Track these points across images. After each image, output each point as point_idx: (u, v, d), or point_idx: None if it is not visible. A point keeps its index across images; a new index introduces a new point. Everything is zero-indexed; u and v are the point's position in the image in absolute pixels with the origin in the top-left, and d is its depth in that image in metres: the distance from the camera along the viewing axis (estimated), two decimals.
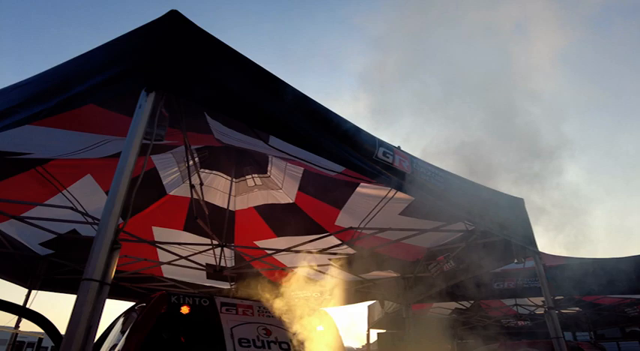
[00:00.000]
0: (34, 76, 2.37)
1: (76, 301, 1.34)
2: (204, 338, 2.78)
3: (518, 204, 3.64)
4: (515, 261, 3.61)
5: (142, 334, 2.82)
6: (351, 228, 4.43)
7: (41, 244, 5.31)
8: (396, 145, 2.81)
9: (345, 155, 2.42)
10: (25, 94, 2.24)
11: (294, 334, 3.12)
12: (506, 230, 3.31)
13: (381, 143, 2.69)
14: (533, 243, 3.49)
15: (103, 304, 1.36)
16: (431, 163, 3.02)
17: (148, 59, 1.84)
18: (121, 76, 1.85)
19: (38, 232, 4.83)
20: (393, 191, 3.82)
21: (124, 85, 1.83)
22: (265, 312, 3.20)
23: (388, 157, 2.69)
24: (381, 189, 3.90)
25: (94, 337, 1.31)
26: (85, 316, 1.30)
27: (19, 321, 5.05)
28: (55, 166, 3.97)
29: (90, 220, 4.27)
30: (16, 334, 4.96)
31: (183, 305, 2.95)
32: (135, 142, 1.61)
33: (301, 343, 3.07)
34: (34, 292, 5.71)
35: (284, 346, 2.96)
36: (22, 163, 3.78)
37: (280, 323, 3.16)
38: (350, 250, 5.17)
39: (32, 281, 5.65)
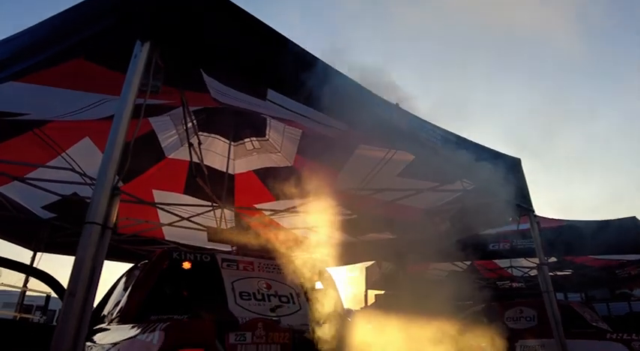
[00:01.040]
0: (24, 29, 2.32)
1: (79, 245, 1.38)
2: (205, 292, 2.87)
3: (515, 164, 3.66)
4: (510, 220, 3.68)
5: (145, 290, 2.90)
6: (349, 189, 4.47)
7: (43, 208, 5.37)
8: (394, 102, 2.80)
9: (344, 111, 2.42)
10: (14, 48, 2.21)
11: (294, 288, 3.22)
12: (503, 189, 3.35)
13: (381, 100, 2.68)
14: (528, 202, 3.55)
15: (105, 249, 1.40)
16: (430, 121, 3.02)
17: (143, 8, 1.80)
18: (116, 25, 1.82)
19: (39, 194, 4.88)
20: (392, 152, 3.83)
21: (119, 35, 1.80)
22: (265, 268, 3.29)
23: (388, 115, 2.69)
24: (380, 150, 3.91)
25: (98, 280, 1.36)
26: (89, 258, 1.34)
27: (26, 280, 5.19)
28: (53, 128, 3.96)
29: (89, 181, 4.30)
30: (24, 292, 5.10)
31: (184, 261, 3.03)
32: (132, 89, 1.60)
33: (300, 297, 3.17)
34: (39, 254, 5.85)
35: (284, 299, 3.06)
36: (20, 125, 3.77)
37: (280, 278, 3.25)
38: (348, 213, 5.25)
39: (36, 244, 5.77)
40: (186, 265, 3.01)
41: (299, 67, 2.13)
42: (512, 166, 3.64)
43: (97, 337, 2.74)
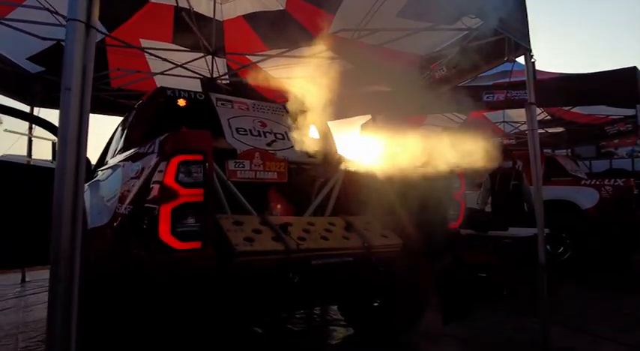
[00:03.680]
0: None
1: (66, 46, 1.38)
2: (202, 127, 2.96)
3: None
4: (506, 59, 3.62)
5: (143, 127, 3.00)
6: (343, 30, 4.28)
7: (29, 60, 5.23)
8: None
9: None
10: None
11: (289, 127, 3.32)
12: (504, 25, 3.21)
13: None
14: (527, 40, 3.44)
15: (93, 49, 1.40)
16: None
17: None
18: None
19: (22, 43, 4.70)
20: None
21: None
22: (260, 108, 3.36)
23: None
24: None
25: (91, 77, 1.39)
26: (78, 57, 1.35)
27: (30, 127, 5.37)
28: None
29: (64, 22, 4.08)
30: (30, 139, 5.33)
31: (179, 99, 3.07)
32: None
33: (295, 135, 3.29)
34: (36, 109, 5.89)
35: (279, 136, 3.19)
36: None
37: (274, 118, 3.34)
38: (344, 63, 5.13)
39: (31, 99, 5.77)
40: (182, 102, 3.06)
41: None
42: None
43: (100, 171, 2.94)
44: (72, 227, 1.30)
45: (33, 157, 6.26)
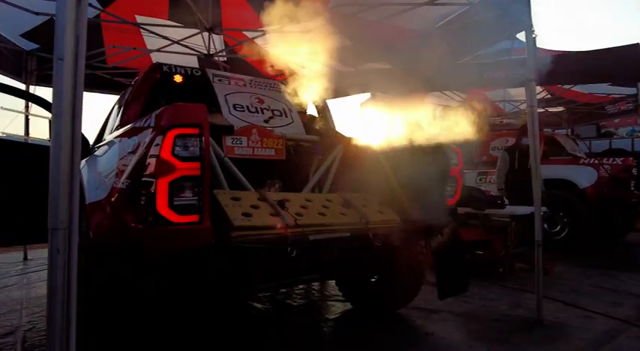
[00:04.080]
0: None
1: (57, 15, 1.35)
2: (199, 102, 2.93)
3: None
4: (507, 35, 3.58)
5: (139, 103, 2.97)
6: (342, 4, 4.20)
7: (23, 36, 5.15)
8: None
9: None
10: None
11: (286, 104, 3.30)
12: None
13: None
14: (528, 15, 3.39)
15: (85, 18, 1.37)
16: None
17: None
18: None
19: (15, 19, 4.62)
20: None
21: None
22: (257, 85, 3.32)
23: None
24: None
25: (84, 48, 1.37)
26: (70, 24, 1.32)
27: (27, 105, 5.34)
28: None
29: None
30: (27, 117, 5.30)
31: (175, 75, 3.04)
32: None
33: (293, 112, 3.27)
34: (32, 87, 5.84)
35: (277, 113, 3.16)
36: None
37: (272, 95, 3.31)
38: (343, 39, 5.05)
39: (27, 77, 5.71)
40: (178, 78, 3.03)
41: None
42: None
43: (98, 147, 2.93)
44: (69, 198, 1.30)
45: (30, 135, 6.24)
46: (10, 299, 3.94)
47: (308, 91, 3.74)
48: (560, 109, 9.20)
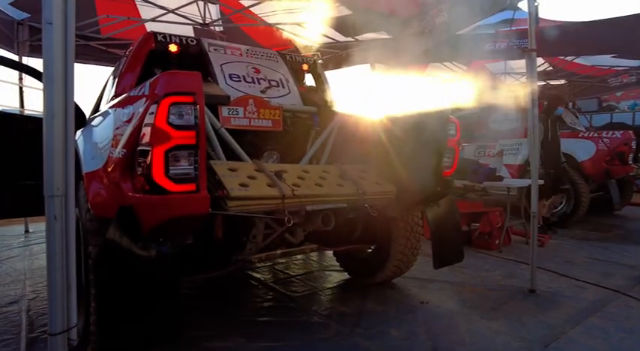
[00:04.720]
0: None
1: None
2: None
3: None
4: (508, 4, 3.49)
5: (134, 74, 2.92)
6: None
7: (12, 5, 5.02)
8: None
9: None
10: None
11: (283, 74, 3.24)
12: None
13: None
14: None
15: None
16: None
17: None
18: None
19: None
20: None
21: None
22: (254, 54, 3.26)
23: None
24: None
25: (74, 10, 1.33)
26: None
27: (20, 76, 5.27)
28: None
29: None
30: (21, 88, 5.24)
31: (170, 44, 2.98)
32: None
33: (290, 82, 3.22)
34: (25, 59, 5.73)
35: (273, 82, 3.12)
36: None
37: (269, 65, 3.25)
38: (343, 9, 4.94)
39: (19, 47, 5.60)
40: (173, 47, 2.97)
41: None
42: None
43: (93, 118, 2.89)
44: (64, 165, 1.30)
45: (26, 108, 6.18)
46: (14, 270, 4.01)
47: (305, 61, 3.68)
48: (562, 82, 9.08)
